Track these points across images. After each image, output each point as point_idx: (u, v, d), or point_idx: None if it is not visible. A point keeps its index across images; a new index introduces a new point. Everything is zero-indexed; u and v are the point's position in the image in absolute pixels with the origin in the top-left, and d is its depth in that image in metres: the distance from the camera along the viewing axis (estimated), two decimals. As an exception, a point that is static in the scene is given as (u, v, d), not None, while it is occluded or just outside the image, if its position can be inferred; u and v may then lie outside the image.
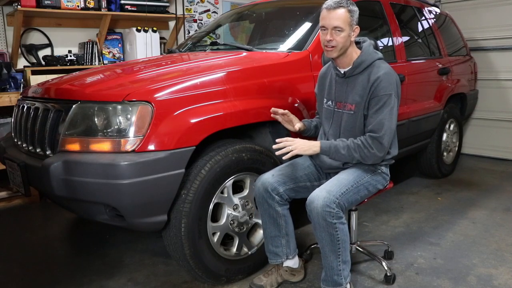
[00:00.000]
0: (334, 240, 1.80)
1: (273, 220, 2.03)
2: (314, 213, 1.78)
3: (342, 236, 1.81)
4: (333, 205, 1.77)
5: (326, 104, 2.08)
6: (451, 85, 3.76)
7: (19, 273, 2.33)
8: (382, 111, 1.89)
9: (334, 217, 1.77)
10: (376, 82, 1.89)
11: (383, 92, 1.88)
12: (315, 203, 1.78)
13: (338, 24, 1.86)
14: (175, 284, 2.18)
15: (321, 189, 1.83)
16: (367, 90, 1.92)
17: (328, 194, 1.79)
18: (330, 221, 1.77)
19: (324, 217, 1.76)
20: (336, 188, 1.84)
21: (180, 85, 1.94)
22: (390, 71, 1.93)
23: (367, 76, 1.93)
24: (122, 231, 2.82)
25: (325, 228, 1.78)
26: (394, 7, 3.30)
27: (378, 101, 1.89)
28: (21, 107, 2.34)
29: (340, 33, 1.87)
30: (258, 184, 2.01)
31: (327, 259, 1.85)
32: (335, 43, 1.88)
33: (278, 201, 1.99)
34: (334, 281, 1.87)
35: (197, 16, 5.11)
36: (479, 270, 2.29)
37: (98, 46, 4.18)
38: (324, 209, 1.76)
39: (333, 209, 1.77)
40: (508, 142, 4.52)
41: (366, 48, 1.97)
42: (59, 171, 1.81)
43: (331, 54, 1.93)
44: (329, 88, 2.08)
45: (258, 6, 3.30)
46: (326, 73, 2.12)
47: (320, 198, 1.78)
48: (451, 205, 3.26)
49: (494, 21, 4.43)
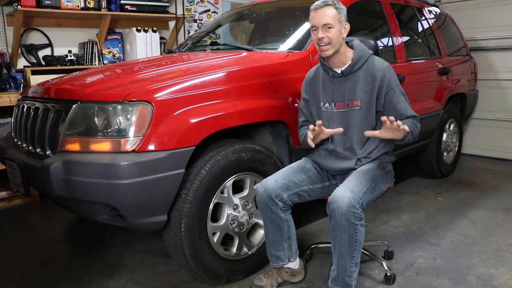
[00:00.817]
0: (353, 241, 1.79)
1: (276, 225, 2.01)
2: (337, 213, 1.76)
3: (360, 238, 1.80)
4: (357, 205, 1.76)
5: (324, 107, 2.08)
6: (451, 85, 3.76)
7: (19, 273, 2.33)
8: (401, 99, 1.99)
9: (357, 218, 1.76)
10: (385, 77, 1.96)
11: (394, 83, 1.99)
12: (340, 203, 1.76)
13: (327, 21, 1.90)
14: (175, 284, 2.18)
15: (344, 188, 1.82)
16: (375, 85, 1.96)
17: (353, 194, 1.78)
18: (353, 222, 1.76)
19: (348, 218, 1.75)
20: (358, 187, 1.83)
21: (180, 85, 1.94)
22: (388, 64, 2.02)
23: (367, 71, 1.98)
24: (122, 231, 2.82)
25: (346, 229, 1.77)
26: (394, 7, 3.30)
27: (394, 93, 1.99)
28: (21, 107, 2.34)
29: (331, 30, 1.91)
30: (261, 190, 1.98)
31: (342, 260, 1.83)
32: (328, 40, 1.91)
33: (281, 207, 1.97)
34: (344, 282, 1.86)
35: (197, 16, 5.11)
36: (479, 270, 2.28)
37: (98, 46, 4.18)
38: (349, 210, 1.74)
39: (357, 210, 1.76)
40: (508, 142, 4.52)
41: (358, 45, 2.03)
42: (59, 171, 1.81)
43: (326, 52, 1.94)
44: (324, 90, 2.07)
45: (258, 6, 3.30)
46: (315, 77, 2.12)
47: (345, 198, 1.76)
48: (451, 205, 3.26)
49: (494, 21, 4.43)
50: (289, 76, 2.32)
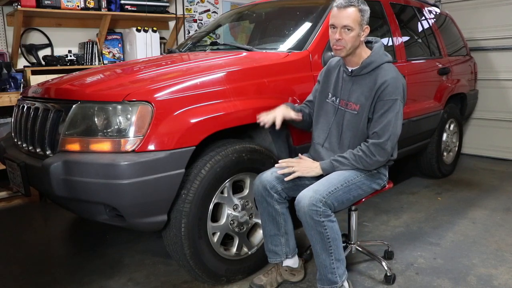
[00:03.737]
0: (324, 238, 1.81)
1: (272, 218, 2.03)
2: (301, 212, 1.80)
3: (332, 234, 1.81)
4: (319, 203, 1.77)
5: (330, 100, 2.07)
6: (451, 85, 3.76)
7: (19, 273, 2.33)
8: (387, 115, 1.89)
9: (321, 215, 1.77)
10: (383, 86, 1.89)
11: (389, 96, 1.89)
12: (302, 203, 1.79)
13: (347, 23, 1.86)
14: (175, 284, 2.18)
15: (308, 189, 1.84)
16: (373, 92, 1.92)
17: (315, 193, 1.80)
18: (318, 219, 1.77)
19: (311, 216, 1.77)
20: (324, 187, 1.84)
21: (180, 85, 1.94)
22: (397, 75, 1.93)
23: (374, 78, 1.93)
24: (122, 231, 2.82)
25: (313, 226, 1.79)
26: (394, 7, 3.30)
27: (383, 105, 1.90)
28: (21, 107, 2.34)
29: (349, 32, 1.87)
30: (257, 182, 2.01)
31: (319, 257, 1.86)
32: (344, 43, 1.88)
33: (277, 199, 1.99)
34: (328, 279, 1.87)
35: (197, 16, 5.11)
36: (479, 270, 2.28)
37: (98, 46, 4.18)
38: (310, 208, 1.77)
39: (319, 208, 1.77)
40: (508, 142, 4.52)
41: (377, 49, 1.97)
42: (59, 171, 1.81)
43: (339, 53, 1.93)
44: (336, 83, 2.06)
45: (258, 6, 3.30)
46: (334, 68, 2.11)
47: (307, 197, 1.79)
48: (451, 205, 3.26)
49: (494, 21, 4.43)
50: (289, 76, 2.32)
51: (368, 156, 1.90)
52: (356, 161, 1.91)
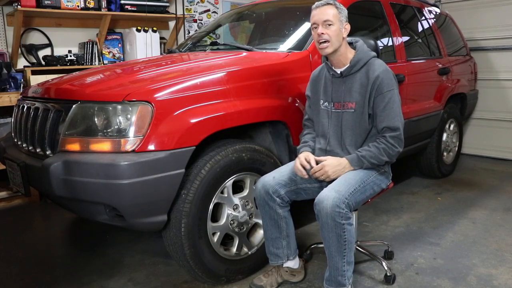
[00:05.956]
0: (341, 241, 1.80)
1: (274, 222, 2.02)
2: (323, 213, 1.77)
3: (349, 237, 1.80)
4: (342, 205, 1.76)
5: (323, 105, 2.09)
6: (451, 85, 3.76)
7: (19, 273, 2.33)
8: (391, 107, 1.95)
9: (343, 218, 1.76)
10: (378, 80, 1.94)
11: (386, 89, 1.95)
12: (325, 203, 1.77)
13: (328, 18, 1.93)
14: (175, 284, 2.18)
15: (330, 189, 1.82)
16: (368, 88, 1.95)
17: (338, 194, 1.78)
18: (339, 222, 1.76)
19: (333, 218, 1.75)
20: (345, 187, 1.83)
21: (180, 85, 1.94)
22: (386, 68, 1.99)
23: (364, 74, 1.97)
24: (122, 231, 2.82)
25: (333, 228, 1.78)
26: (394, 7, 3.30)
27: (383, 98, 1.95)
28: (21, 107, 2.34)
29: (331, 27, 1.93)
30: (259, 186, 2.00)
31: (332, 259, 1.84)
32: (327, 37, 1.92)
33: (279, 203, 1.98)
34: (337, 281, 1.87)
35: (197, 16, 5.11)
36: (479, 270, 2.28)
37: (98, 46, 4.18)
38: (334, 210, 1.75)
39: (342, 210, 1.76)
40: (508, 142, 4.52)
41: (360, 47, 2.03)
42: (59, 171, 1.81)
43: (326, 50, 1.95)
44: (325, 89, 2.09)
45: (258, 6, 3.30)
46: (319, 76, 2.14)
47: (330, 198, 1.77)
48: (451, 205, 3.26)
49: (494, 21, 4.43)
50: (289, 76, 2.32)
51: (390, 148, 1.95)
52: (382, 154, 1.94)
